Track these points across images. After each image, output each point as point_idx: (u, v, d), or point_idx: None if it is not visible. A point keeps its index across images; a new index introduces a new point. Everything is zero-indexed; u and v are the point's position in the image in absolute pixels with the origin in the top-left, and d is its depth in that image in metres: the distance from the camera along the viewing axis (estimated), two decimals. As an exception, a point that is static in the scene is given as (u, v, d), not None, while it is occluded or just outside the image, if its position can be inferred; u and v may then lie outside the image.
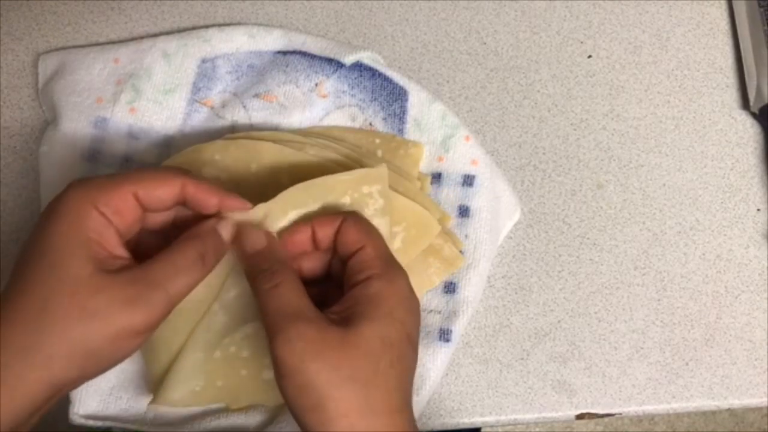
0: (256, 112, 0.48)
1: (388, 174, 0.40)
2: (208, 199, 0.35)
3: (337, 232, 0.36)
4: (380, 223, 0.39)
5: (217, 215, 0.36)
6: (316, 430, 0.31)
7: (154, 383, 0.40)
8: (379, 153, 0.47)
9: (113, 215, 0.33)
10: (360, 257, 0.35)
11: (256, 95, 0.48)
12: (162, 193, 0.34)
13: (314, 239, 0.37)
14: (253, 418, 0.43)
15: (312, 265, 0.38)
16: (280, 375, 0.32)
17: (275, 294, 0.33)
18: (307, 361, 0.31)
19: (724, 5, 0.55)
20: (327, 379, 0.31)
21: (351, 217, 0.36)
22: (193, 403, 0.41)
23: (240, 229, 0.36)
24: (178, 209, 0.37)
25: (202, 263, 0.34)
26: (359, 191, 0.39)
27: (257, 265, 0.35)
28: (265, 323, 0.33)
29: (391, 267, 0.35)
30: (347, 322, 0.33)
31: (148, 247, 0.36)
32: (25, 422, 0.31)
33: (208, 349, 0.39)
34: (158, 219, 0.37)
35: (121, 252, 0.33)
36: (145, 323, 0.31)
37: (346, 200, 0.39)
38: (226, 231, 0.35)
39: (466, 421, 0.46)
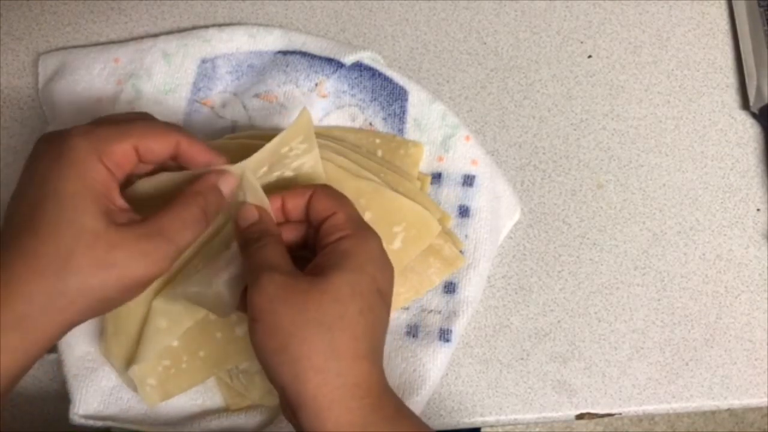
0: (256, 112, 0.48)
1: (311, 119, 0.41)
2: (198, 157, 0.37)
3: (309, 202, 0.37)
4: (307, 161, 0.41)
5: (217, 170, 0.37)
6: (281, 372, 0.33)
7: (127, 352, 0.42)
8: (379, 153, 0.47)
9: (115, 168, 0.34)
10: (331, 221, 0.36)
11: (256, 95, 0.48)
12: (159, 147, 0.36)
13: (284, 209, 0.38)
14: (253, 418, 0.43)
15: (289, 236, 0.39)
16: (251, 319, 0.33)
17: (257, 253, 0.35)
18: (276, 304, 0.33)
19: (724, 5, 0.55)
20: (292, 321, 0.32)
21: (321, 187, 0.38)
22: (185, 383, 0.42)
23: (239, 206, 0.38)
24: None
25: (204, 218, 0.35)
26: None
27: (249, 236, 0.37)
28: (247, 281, 0.35)
29: (362, 229, 0.36)
30: (318, 274, 0.34)
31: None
32: (41, 357, 0.33)
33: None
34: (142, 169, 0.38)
35: (121, 202, 0.35)
36: (155, 274, 0.34)
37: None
38: (226, 186, 0.37)
39: (466, 421, 0.46)
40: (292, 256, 0.37)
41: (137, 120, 0.36)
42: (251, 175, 0.38)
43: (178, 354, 0.42)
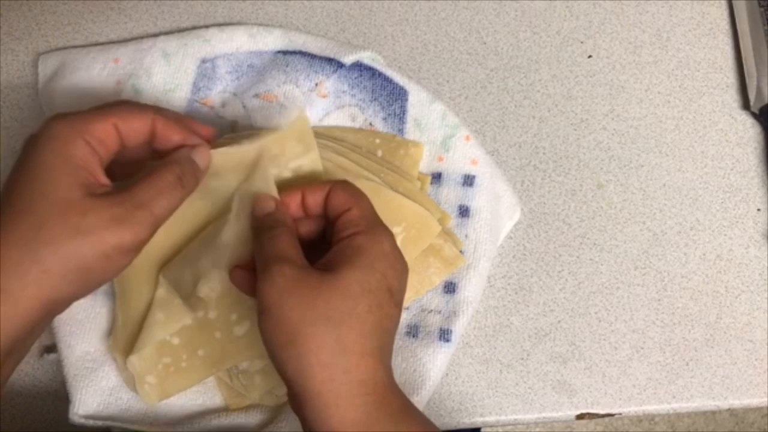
0: (256, 112, 0.48)
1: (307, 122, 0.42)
2: (172, 137, 0.38)
3: (327, 197, 0.38)
4: (306, 162, 0.41)
5: (190, 145, 0.38)
6: (287, 366, 0.33)
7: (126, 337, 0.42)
8: (379, 153, 0.47)
9: (98, 145, 0.35)
10: (346, 217, 0.36)
11: (256, 95, 0.48)
12: (138, 125, 0.36)
13: (304, 205, 0.39)
14: (253, 418, 0.43)
15: (307, 229, 0.39)
16: (260, 311, 0.34)
17: (270, 243, 0.36)
18: (285, 297, 0.33)
19: (724, 5, 0.55)
20: (301, 316, 0.33)
21: (340, 182, 0.38)
22: (184, 382, 0.42)
23: (257, 196, 0.39)
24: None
25: (180, 185, 0.36)
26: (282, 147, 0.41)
27: (263, 225, 0.37)
28: (257, 270, 0.36)
29: (376, 226, 0.37)
30: (329, 269, 0.35)
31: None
32: (22, 342, 0.33)
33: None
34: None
35: (104, 180, 0.35)
36: (132, 241, 0.34)
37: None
38: (200, 158, 0.38)
39: (466, 421, 0.46)
40: (310, 250, 0.37)
41: (117, 102, 0.37)
42: (268, 165, 0.39)
43: (178, 352, 0.42)
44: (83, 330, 0.44)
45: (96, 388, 0.43)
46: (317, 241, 0.40)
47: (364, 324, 0.34)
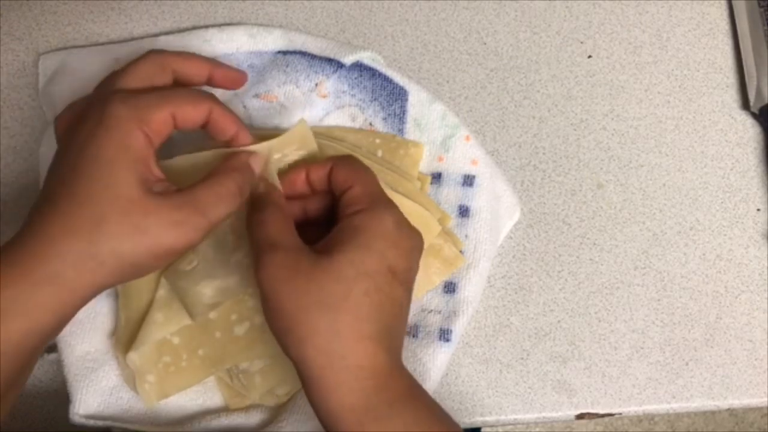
0: (256, 112, 0.48)
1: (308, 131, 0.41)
2: (228, 128, 0.37)
3: (330, 173, 0.38)
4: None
5: (247, 150, 0.38)
6: (289, 352, 0.34)
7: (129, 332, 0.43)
8: (379, 153, 0.47)
9: (154, 135, 0.35)
10: (349, 194, 0.36)
11: (257, 95, 0.48)
12: (195, 114, 0.36)
13: (308, 181, 0.39)
14: (253, 418, 0.43)
15: (315, 206, 0.39)
16: (261, 299, 0.34)
17: (260, 227, 0.35)
18: (279, 285, 0.33)
19: (724, 5, 0.55)
20: (296, 303, 0.33)
21: (342, 158, 0.38)
22: (183, 382, 0.43)
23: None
24: None
25: (239, 194, 0.36)
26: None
27: (253, 205, 0.37)
28: (251, 256, 0.36)
29: (377, 203, 0.36)
30: (326, 251, 0.34)
31: None
32: (71, 318, 0.34)
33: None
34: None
35: (158, 173, 0.35)
36: (185, 245, 0.34)
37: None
38: (257, 165, 0.38)
39: (466, 421, 0.46)
40: (322, 227, 0.37)
41: (176, 90, 0.37)
42: (270, 160, 0.39)
43: (178, 351, 0.42)
44: (83, 330, 0.44)
45: (96, 387, 0.43)
46: (328, 218, 0.39)
47: (360, 307, 0.33)
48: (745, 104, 0.53)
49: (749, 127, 0.53)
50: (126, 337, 0.42)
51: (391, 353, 0.34)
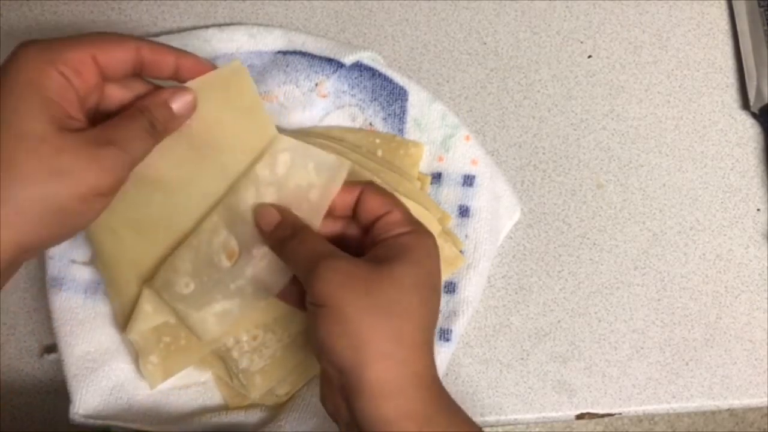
0: (256, 112, 0.48)
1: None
2: (165, 59, 0.35)
3: (359, 200, 0.37)
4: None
5: (174, 87, 0.36)
6: (344, 356, 0.32)
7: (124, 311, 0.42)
8: (379, 153, 0.47)
9: (74, 76, 0.33)
10: (389, 219, 0.36)
11: (256, 95, 0.48)
12: (119, 55, 0.34)
13: (330, 205, 0.38)
14: (253, 417, 0.43)
15: (326, 230, 0.39)
16: (316, 305, 0.33)
17: (302, 246, 0.35)
18: (340, 290, 0.32)
19: (724, 5, 0.55)
20: (359, 306, 0.32)
21: (371, 185, 0.37)
22: (184, 360, 0.42)
23: (256, 209, 0.37)
24: (135, 89, 0.37)
25: (151, 132, 0.34)
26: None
27: (281, 236, 0.36)
28: (299, 273, 0.35)
29: (421, 226, 0.36)
30: (379, 263, 0.34)
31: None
32: None
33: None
34: (116, 97, 0.36)
35: (80, 115, 0.33)
36: (111, 184, 0.32)
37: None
38: (179, 104, 0.35)
39: (466, 421, 0.46)
40: None
41: (94, 33, 0.35)
42: (249, 181, 0.38)
43: (176, 331, 0.42)
44: (83, 330, 0.44)
45: (96, 387, 0.43)
46: (334, 242, 0.39)
47: (418, 317, 0.33)
48: (745, 104, 0.53)
49: (749, 127, 0.53)
50: (124, 323, 0.42)
51: (435, 364, 0.35)
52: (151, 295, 0.40)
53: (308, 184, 0.38)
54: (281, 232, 0.36)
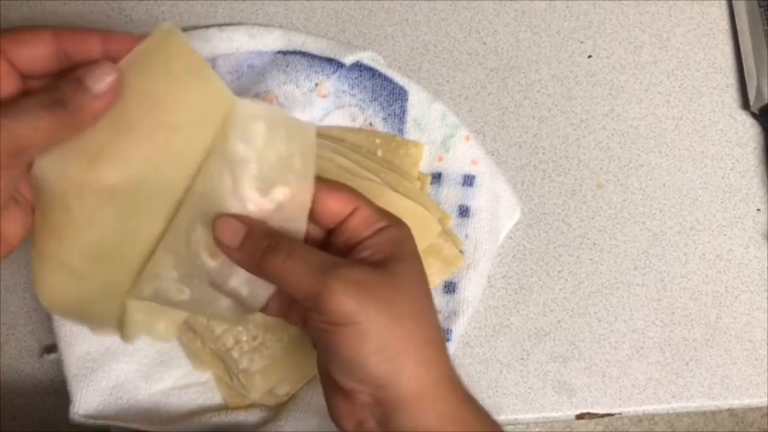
0: (256, 112, 0.48)
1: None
2: (89, 45, 0.31)
3: (316, 202, 0.33)
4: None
5: (93, 63, 0.31)
6: (379, 371, 0.30)
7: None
8: (379, 153, 0.47)
9: None
10: (357, 218, 0.33)
11: (257, 95, 0.48)
12: (36, 51, 0.30)
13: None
14: (253, 416, 0.43)
15: None
16: (336, 326, 0.30)
17: (295, 261, 0.31)
18: (364, 302, 0.30)
19: (724, 5, 0.55)
20: (388, 317, 0.30)
21: (325, 186, 0.33)
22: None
23: (213, 223, 0.32)
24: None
25: (51, 110, 0.29)
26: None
27: (255, 252, 0.31)
28: (296, 292, 0.31)
29: (393, 217, 0.34)
30: (377, 266, 0.32)
31: None
32: None
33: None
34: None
35: None
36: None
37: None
38: (93, 78, 0.30)
39: (466, 421, 0.46)
40: None
41: (5, 30, 0.31)
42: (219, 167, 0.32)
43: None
44: (83, 330, 0.44)
45: (96, 387, 0.43)
46: None
47: (431, 315, 0.32)
48: (745, 104, 0.53)
49: (749, 127, 0.53)
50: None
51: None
52: (139, 303, 0.34)
53: (288, 153, 0.33)
54: (254, 247, 0.31)
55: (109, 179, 0.31)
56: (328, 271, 0.30)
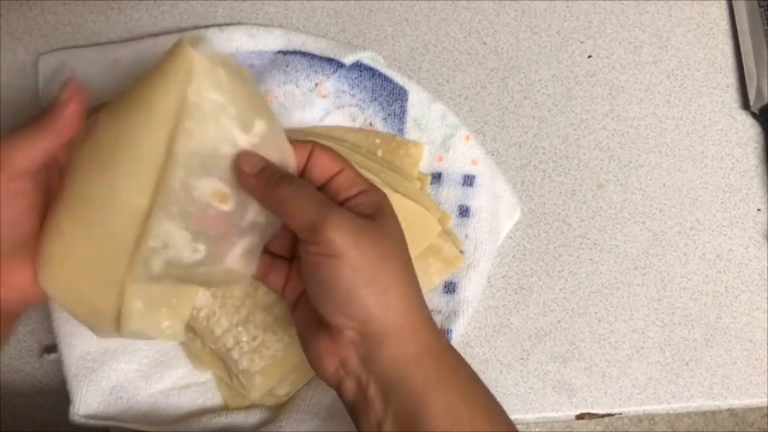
0: (256, 112, 0.48)
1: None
2: (63, 96, 0.37)
3: (311, 158, 0.37)
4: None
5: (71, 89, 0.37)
6: (369, 303, 0.33)
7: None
8: (379, 153, 0.47)
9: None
10: (344, 176, 0.36)
11: (256, 95, 0.48)
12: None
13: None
14: (253, 417, 0.43)
15: None
16: (331, 257, 0.33)
17: (302, 192, 0.34)
18: (360, 238, 0.33)
19: (724, 5, 0.55)
20: (378, 254, 0.34)
21: (320, 144, 0.37)
22: (188, 296, 0.38)
23: (240, 155, 0.35)
24: None
25: (34, 121, 0.36)
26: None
27: (270, 179, 0.34)
28: (297, 221, 0.34)
29: (369, 182, 0.37)
30: (366, 217, 0.35)
31: None
32: None
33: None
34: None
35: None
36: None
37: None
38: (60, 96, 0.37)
39: (466, 421, 0.46)
40: None
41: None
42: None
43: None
44: (83, 330, 0.44)
45: (96, 387, 0.43)
46: None
47: (412, 266, 0.36)
48: (745, 104, 0.53)
49: (749, 127, 0.53)
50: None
51: None
52: (140, 289, 0.35)
53: (246, 89, 0.35)
54: (270, 175, 0.34)
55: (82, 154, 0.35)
56: (331, 207, 0.34)
